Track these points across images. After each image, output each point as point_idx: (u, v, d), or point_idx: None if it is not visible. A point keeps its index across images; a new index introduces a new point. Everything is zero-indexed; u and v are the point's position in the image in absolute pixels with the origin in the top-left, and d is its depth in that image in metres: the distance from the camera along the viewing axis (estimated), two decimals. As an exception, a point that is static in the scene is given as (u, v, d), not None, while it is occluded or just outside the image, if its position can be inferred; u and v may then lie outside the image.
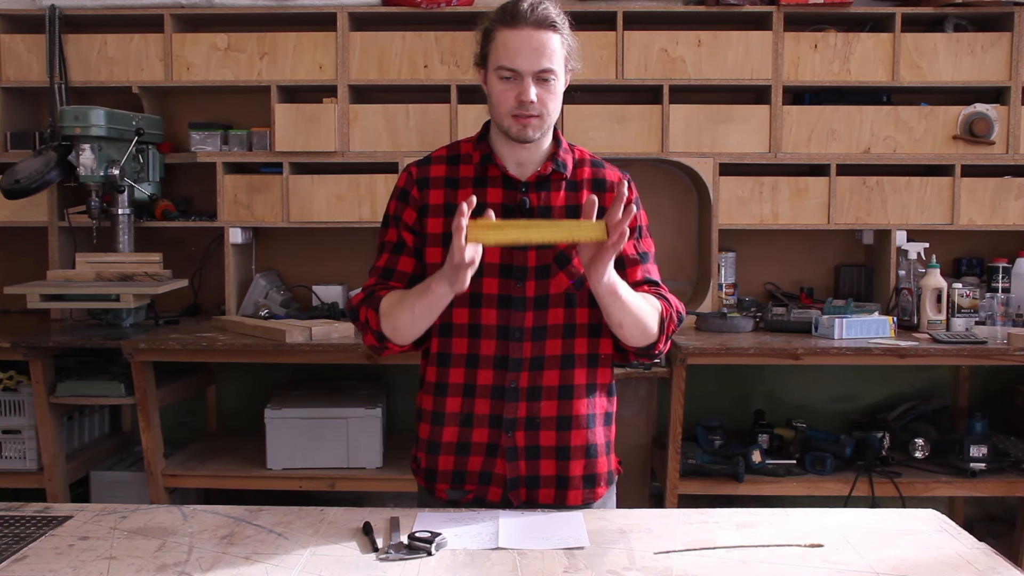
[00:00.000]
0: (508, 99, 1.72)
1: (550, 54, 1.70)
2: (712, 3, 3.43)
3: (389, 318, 1.73)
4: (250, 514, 1.68)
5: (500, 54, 1.71)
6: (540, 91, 1.71)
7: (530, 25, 1.69)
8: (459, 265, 1.56)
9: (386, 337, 1.75)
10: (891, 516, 1.71)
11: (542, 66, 1.70)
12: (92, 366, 3.34)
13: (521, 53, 1.69)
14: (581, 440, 1.80)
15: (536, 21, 1.69)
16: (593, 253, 1.62)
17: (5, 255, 3.67)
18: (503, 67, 1.70)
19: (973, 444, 3.15)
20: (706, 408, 3.58)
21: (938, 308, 3.30)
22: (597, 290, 1.66)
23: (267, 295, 3.50)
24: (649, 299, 1.77)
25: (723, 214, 3.46)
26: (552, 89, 1.73)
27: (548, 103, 1.73)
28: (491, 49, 1.74)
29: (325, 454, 3.15)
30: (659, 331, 1.76)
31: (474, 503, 1.79)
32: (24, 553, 1.49)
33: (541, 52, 1.69)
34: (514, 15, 1.70)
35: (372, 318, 1.75)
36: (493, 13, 1.75)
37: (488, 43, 1.74)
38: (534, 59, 1.69)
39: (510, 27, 1.70)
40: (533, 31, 1.69)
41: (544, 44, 1.70)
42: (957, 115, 3.44)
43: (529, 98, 1.69)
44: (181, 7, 3.48)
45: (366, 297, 1.78)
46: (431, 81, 3.45)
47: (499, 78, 1.72)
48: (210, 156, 3.47)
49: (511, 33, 1.70)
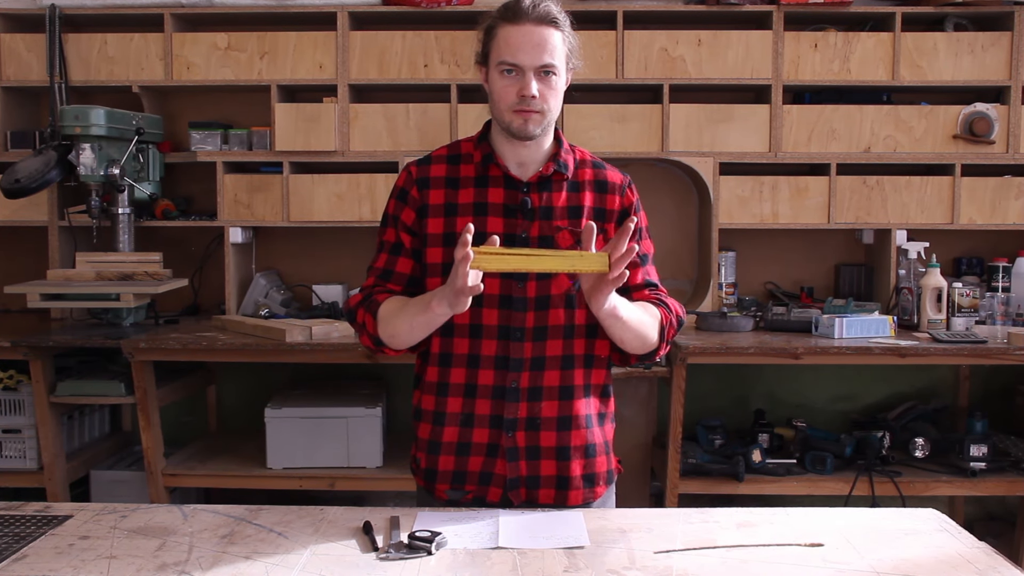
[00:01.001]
0: (510, 94, 1.72)
1: (551, 49, 1.71)
2: (712, 3, 3.43)
3: (387, 325, 1.73)
4: (250, 513, 1.68)
5: (502, 49, 1.72)
6: (542, 86, 1.71)
7: (532, 21, 1.70)
8: (461, 290, 1.55)
9: (383, 342, 1.75)
10: (891, 516, 1.71)
11: (543, 61, 1.70)
12: (92, 365, 3.34)
13: (523, 48, 1.70)
14: (581, 440, 1.80)
15: (538, 17, 1.71)
16: (594, 283, 1.60)
17: (5, 255, 3.67)
18: (505, 62, 1.71)
19: (973, 444, 3.15)
20: (706, 408, 3.58)
21: (938, 307, 3.30)
22: (598, 315, 1.66)
23: (267, 295, 3.50)
24: (649, 309, 1.77)
25: (723, 213, 3.46)
26: (553, 85, 1.73)
27: (549, 99, 1.73)
28: (493, 46, 1.74)
29: (325, 454, 3.15)
30: (659, 339, 1.77)
31: (474, 503, 1.79)
32: (24, 552, 1.49)
33: (543, 47, 1.70)
34: (516, 11, 1.71)
35: (369, 322, 1.75)
36: (495, 11, 1.76)
37: (490, 40, 1.75)
38: (536, 54, 1.70)
39: (512, 23, 1.71)
40: (535, 27, 1.70)
41: (546, 39, 1.71)
42: (957, 115, 3.44)
43: (531, 92, 1.70)
44: (181, 6, 3.48)
45: (364, 299, 1.78)
46: (431, 80, 3.45)
47: (501, 73, 1.73)
48: (210, 155, 3.47)
49: (513, 29, 1.71)
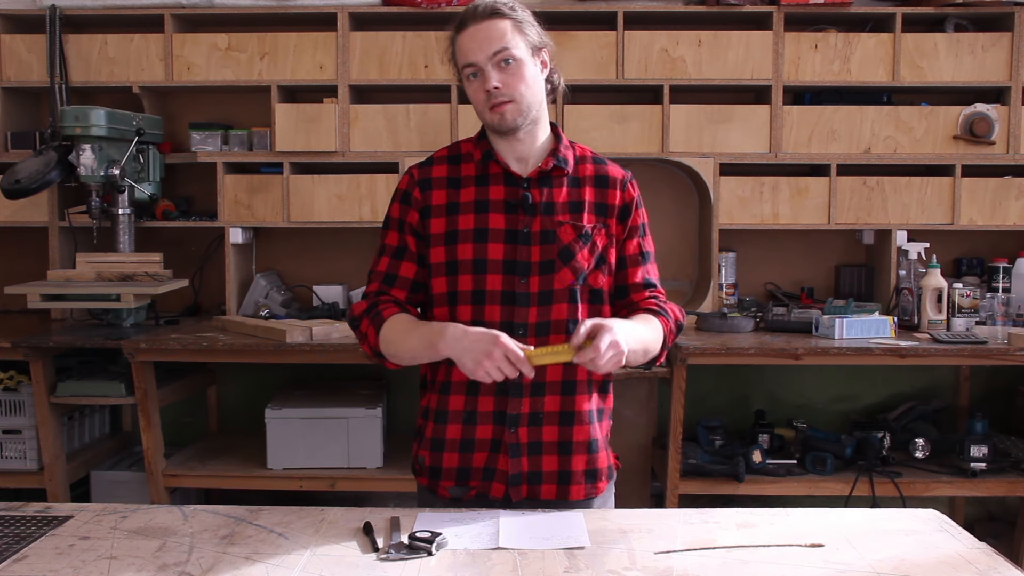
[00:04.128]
0: (479, 94, 1.77)
1: (500, 37, 1.74)
2: (712, 3, 3.43)
3: (389, 345, 1.76)
4: (250, 514, 1.68)
5: (460, 56, 1.78)
6: (503, 76, 1.74)
7: (476, 20, 1.76)
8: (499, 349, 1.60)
9: (383, 355, 1.79)
10: (891, 516, 1.71)
11: (494, 49, 1.73)
12: (92, 366, 3.34)
13: (472, 47, 1.75)
14: (583, 435, 1.81)
15: (482, 15, 1.76)
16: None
17: (5, 255, 3.67)
18: (465, 66, 1.77)
19: (973, 444, 3.15)
20: (706, 408, 3.58)
21: (938, 308, 3.30)
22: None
23: (267, 295, 3.51)
24: (651, 324, 1.79)
25: (723, 214, 3.46)
26: (516, 72, 1.75)
27: (516, 86, 1.75)
28: (457, 57, 1.79)
29: (325, 454, 3.15)
30: (662, 348, 1.81)
31: (477, 500, 1.79)
32: (25, 553, 1.49)
33: (490, 39, 1.74)
34: (463, 18, 1.78)
35: (372, 335, 1.78)
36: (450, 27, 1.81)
37: (455, 54, 1.80)
38: (485, 47, 1.74)
39: (462, 30, 1.77)
40: (480, 24, 1.75)
41: (491, 31, 1.74)
42: (957, 115, 3.44)
43: (491, 84, 1.74)
44: (181, 7, 3.48)
45: (369, 309, 1.80)
46: (431, 81, 3.45)
47: (467, 79, 1.78)
48: (210, 156, 3.47)
49: (464, 34, 1.76)
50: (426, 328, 1.73)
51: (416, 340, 1.73)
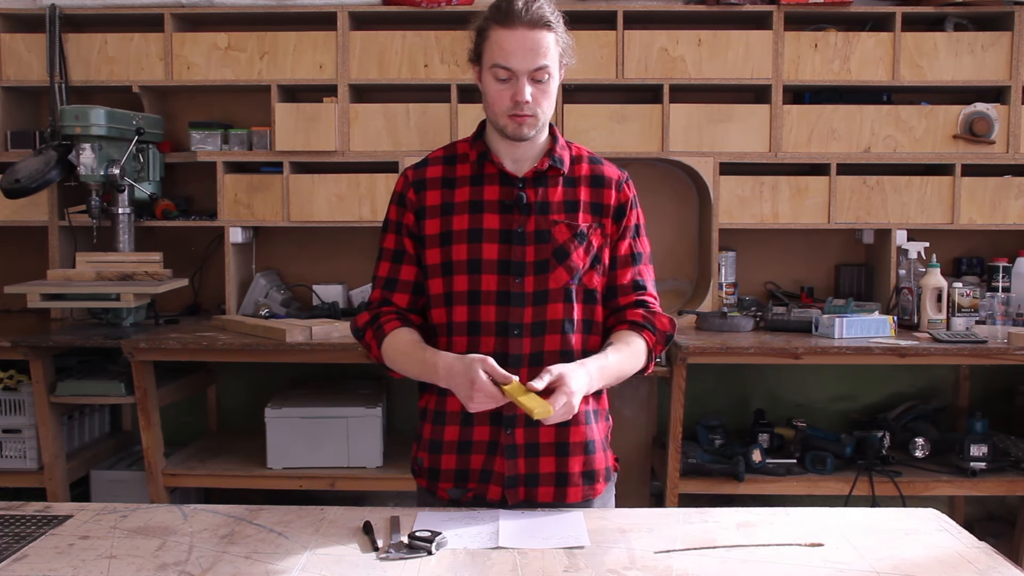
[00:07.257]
0: (504, 99, 1.72)
1: (545, 52, 1.70)
2: (712, 2, 3.43)
3: (391, 361, 1.79)
4: (250, 513, 1.68)
5: (495, 53, 1.71)
6: (535, 90, 1.71)
7: (525, 25, 1.69)
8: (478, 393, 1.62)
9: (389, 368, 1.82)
10: (891, 515, 1.71)
11: (537, 64, 1.70)
12: (92, 365, 3.34)
13: (516, 53, 1.69)
14: (580, 436, 1.80)
15: (531, 21, 1.69)
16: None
17: (5, 255, 3.67)
18: (498, 66, 1.70)
19: (973, 444, 3.15)
20: (706, 407, 3.58)
21: (938, 307, 3.30)
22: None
23: (267, 294, 3.51)
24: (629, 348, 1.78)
25: (723, 213, 3.46)
26: (546, 89, 1.73)
27: (543, 102, 1.73)
28: (485, 47, 1.73)
29: (325, 453, 3.15)
30: (646, 362, 1.82)
31: (474, 501, 1.79)
32: (24, 552, 1.49)
33: (536, 52, 1.69)
34: (508, 14, 1.70)
35: (374, 348, 1.80)
36: (487, 11, 1.75)
37: (482, 41, 1.74)
38: (529, 59, 1.69)
39: (504, 26, 1.70)
40: (528, 31, 1.69)
41: (539, 43, 1.69)
42: (957, 114, 3.44)
43: (524, 98, 1.70)
44: (181, 6, 3.48)
45: (372, 320, 1.81)
46: (431, 80, 3.45)
47: (494, 78, 1.72)
48: (210, 155, 3.47)
49: (506, 33, 1.69)
50: (420, 359, 1.74)
51: (415, 368, 1.76)
